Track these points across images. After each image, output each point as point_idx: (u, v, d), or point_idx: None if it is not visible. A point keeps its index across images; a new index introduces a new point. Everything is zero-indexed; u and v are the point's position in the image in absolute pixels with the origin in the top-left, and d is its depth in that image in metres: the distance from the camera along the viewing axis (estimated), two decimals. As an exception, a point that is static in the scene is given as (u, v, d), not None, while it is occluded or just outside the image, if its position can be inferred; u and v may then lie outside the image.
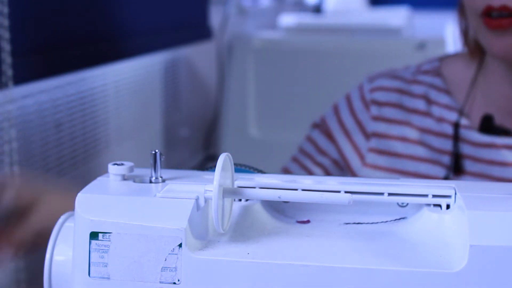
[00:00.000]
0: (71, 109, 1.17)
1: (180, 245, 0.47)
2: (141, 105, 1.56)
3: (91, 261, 0.48)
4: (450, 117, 0.89)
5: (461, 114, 0.88)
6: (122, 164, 0.54)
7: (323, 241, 0.50)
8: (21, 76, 0.94)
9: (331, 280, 0.46)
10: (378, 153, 0.92)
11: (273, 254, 0.47)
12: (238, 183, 0.53)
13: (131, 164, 0.54)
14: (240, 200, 0.54)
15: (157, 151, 0.53)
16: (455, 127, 0.88)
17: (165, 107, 1.72)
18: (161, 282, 0.47)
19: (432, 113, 0.90)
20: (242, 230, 0.51)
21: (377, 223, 0.54)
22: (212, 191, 0.47)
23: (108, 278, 0.48)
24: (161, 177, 0.53)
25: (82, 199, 0.50)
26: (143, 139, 1.58)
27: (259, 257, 0.47)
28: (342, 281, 0.45)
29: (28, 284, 0.98)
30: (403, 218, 0.54)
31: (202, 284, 0.47)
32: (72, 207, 0.50)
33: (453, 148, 0.87)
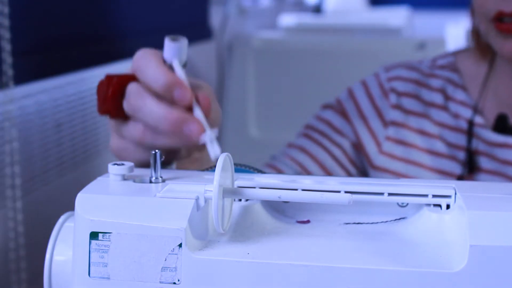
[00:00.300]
0: (71, 109, 1.17)
1: (180, 245, 0.47)
2: (141, 105, 1.55)
3: (91, 261, 0.48)
4: (465, 114, 0.89)
5: (476, 111, 0.89)
6: (122, 164, 0.54)
7: (323, 241, 0.50)
8: (22, 76, 0.94)
9: (331, 280, 0.46)
10: (395, 142, 0.92)
11: (273, 254, 0.47)
12: (238, 183, 0.53)
13: (131, 164, 0.54)
14: (240, 200, 0.54)
15: (157, 151, 0.53)
16: (469, 124, 0.88)
17: (165, 107, 1.72)
18: (161, 282, 0.47)
19: (449, 108, 0.90)
20: (242, 230, 0.51)
21: (377, 223, 0.54)
22: (212, 191, 0.47)
23: (108, 278, 0.48)
24: (161, 177, 0.53)
25: (82, 199, 0.50)
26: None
27: (259, 257, 0.47)
28: (342, 281, 0.45)
29: (28, 284, 0.98)
30: (403, 218, 0.54)
31: (202, 284, 0.47)
32: None
33: (467, 144, 0.88)
